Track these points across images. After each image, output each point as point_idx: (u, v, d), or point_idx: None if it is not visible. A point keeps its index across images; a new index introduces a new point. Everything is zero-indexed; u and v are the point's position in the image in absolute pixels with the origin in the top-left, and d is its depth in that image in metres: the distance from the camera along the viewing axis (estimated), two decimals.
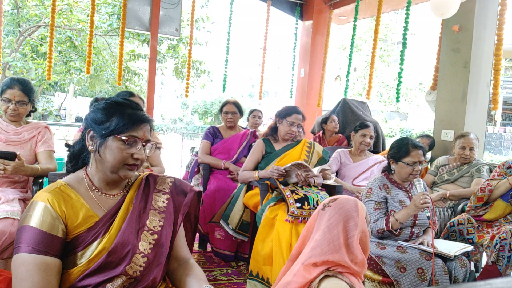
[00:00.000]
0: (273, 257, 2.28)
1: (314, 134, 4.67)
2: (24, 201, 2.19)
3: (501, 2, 3.36)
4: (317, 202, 2.39)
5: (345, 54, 16.27)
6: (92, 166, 1.25)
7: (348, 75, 5.22)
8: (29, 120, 2.42)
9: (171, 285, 1.35)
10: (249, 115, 4.68)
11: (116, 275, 1.16)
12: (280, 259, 2.21)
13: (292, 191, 2.46)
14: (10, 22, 10.76)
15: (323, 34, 5.66)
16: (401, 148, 2.28)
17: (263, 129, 4.43)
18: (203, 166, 3.40)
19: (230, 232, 2.82)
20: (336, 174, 3.37)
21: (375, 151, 4.08)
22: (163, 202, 1.31)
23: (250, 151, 2.92)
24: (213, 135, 3.51)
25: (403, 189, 2.33)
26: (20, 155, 2.08)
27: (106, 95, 15.77)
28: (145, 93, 5.28)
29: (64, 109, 19.87)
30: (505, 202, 2.53)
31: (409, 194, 2.32)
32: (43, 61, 10.08)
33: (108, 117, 1.21)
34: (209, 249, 3.32)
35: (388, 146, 3.03)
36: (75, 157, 1.30)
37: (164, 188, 1.34)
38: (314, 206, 2.36)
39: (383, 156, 3.40)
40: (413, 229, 2.25)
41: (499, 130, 18.20)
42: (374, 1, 4.67)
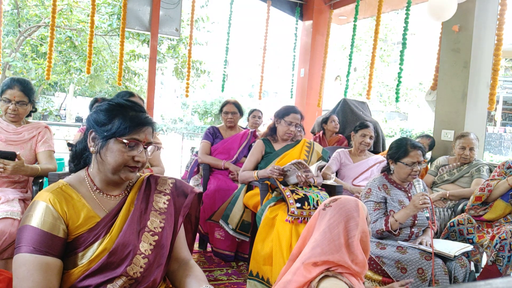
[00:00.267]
0: (273, 257, 2.28)
1: (314, 134, 4.67)
2: (24, 201, 2.19)
3: (501, 2, 3.36)
4: (317, 202, 2.39)
5: (345, 54, 16.26)
6: (93, 167, 1.25)
7: (348, 75, 5.22)
8: (29, 120, 2.42)
9: (171, 286, 1.35)
10: (249, 115, 4.68)
11: (116, 276, 1.17)
12: (280, 259, 2.22)
13: (292, 191, 2.46)
14: (10, 22, 10.75)
15: (323, 34, 5.66)
16: (400, 149, 2.28)
17: (263, 129, 4.42)
18: (203, 166, 3.40)
19: (230, 232, 2.82)
20: (336, 174, 3.37)
21: (375, 151, 4.08)
22: (164, 203, 1.31)
23: (250, 151, 2.92)
24: (213, 135, 3.51)
25: (402, 189, 2.33)
26: (20, 155, 2.08)
27: (106, 95, 15.77)
28: (145, 93, 5.28)
29: (64, 109, 19.86)
30: (505, 202, 2.54)
31: (408, 194, 2.32)
32: (43, 61, 10.07)
33: (110, 119, 1.20)
34: (209, 249, 3.32)
35: (388, 146, 3.03)
36: (77, 157, 1.29)
37: (165, 189, 1.34)
38: (314, 206, 2.36)
39: (383, 156, 3.40)
40: (413, 229, 2.25)
41: (499, 130, 18.21)
42: (374, 1, 4.67)
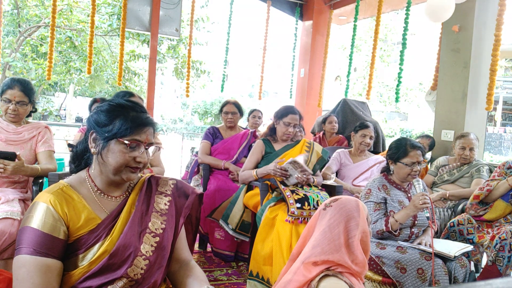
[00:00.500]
0: (273, 257, 2.28)
1: (314, 135, 4.66)
2: (24, 201, 2.19)
3: (500, 2, 3.36)
4: (317, 203, 2.39)
5: (345, 54, 16.26)
6: (94, 168, 1.24)
7: (348, 75, 5.22)
8: (29, 120, 2.42)
9: (171, 286, 1.35)
10: (249, 115, 4.68)
11: (117, 277, 1.16)
12: (280, 259, 2.22)
13: (293, 191, 2.46)
14: (10, 22, 10.76)
15: (323, 34, 5.66)
16: (399, 149, 2.28)
17: (263, 129, 4.42)
18: (203, 166, 3.40)
19: (230, 232, 2.82)
20: (336, 174, 3.37)
21: (375, 151, 4.08)
22: (165, 204, 1.30)
23: (250, 151, 2.92)
24: (213, 135, 3.51)
25: (402, 189, 2.33)
26: (20, 155, 2.08)
27: (106, 96, 15.77)
28: (145, 93, 5.28)
29: (64, 109, 19.86)
30: (505, 202, 2.54)
31: (408, 194, 2.32)
32: (43, 61, 10.08)
33: (111, 120, 1.19)
34: (209, 249, 3.32)
35: (388, 146, 3.03)
36: (78, 157, 1.29)
37: (166, 190, 1.33)
38: (314, 206, 2.36)
39: (383, 157, 3.40)
40: (413, 229, 2.25)
41: (499, 130, 18.23)
42: (374, 1, 4.67)
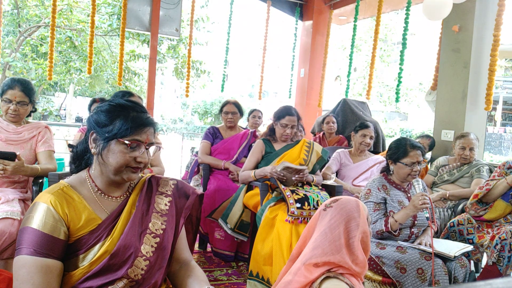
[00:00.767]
0: (273, 257, 2.28)
1: (314, 135, 4.66)
2: (24, 201, 2.19)
3: (499, 2, 3.36)
4: (317, 203, 2.39)
5: (345, 54, 16.26)
6: (95, 168, 1.23)
7: (348, 75, 5.22)
8: (29, 120, 2.42)
9: (171, 287, 1.35)
10: (249, 115, 4.68)
11: (117, 278, 1.16)
12: (280, 259, 2.22)
13: (293, 191, 2.46)
14: (10, 22, 10.76)
15: (323, 34, 5.66)
16: (399, 149, 2.28)
17: (263, 129, 4.42)
18: (203, 166, 3.40)
19: (229, 232, 2.82)
20: (336, 174, 3.37)
21: (375, 151, 4.08)
22: (166, 204, 1.30)
23: (250, 151, 2.92)
24: (213, 135, 3.51)
25: (402, 189, 2.33)
26: (20, 155, 2.08)
27: (106, 96, 15.77)
28: (145, 93, 5.29)
29: (64, 109, 19.86)
30: (505, 202, 2.54)
31: (408, 194, 2.32)
32: (43, 61, 10.08)
33: (111, 120, 1.19)
34: (209, 249, 3.32)
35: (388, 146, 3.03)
36: (78, 158, 1.28)
37: (166, 191, 1.33)
38: (314, 206, 2.36)
39: (383, 157, 3.40)
40: (412, 229, 2.25)
41: (499, 130, 18.23)
42: (374, 1, 4.67)
